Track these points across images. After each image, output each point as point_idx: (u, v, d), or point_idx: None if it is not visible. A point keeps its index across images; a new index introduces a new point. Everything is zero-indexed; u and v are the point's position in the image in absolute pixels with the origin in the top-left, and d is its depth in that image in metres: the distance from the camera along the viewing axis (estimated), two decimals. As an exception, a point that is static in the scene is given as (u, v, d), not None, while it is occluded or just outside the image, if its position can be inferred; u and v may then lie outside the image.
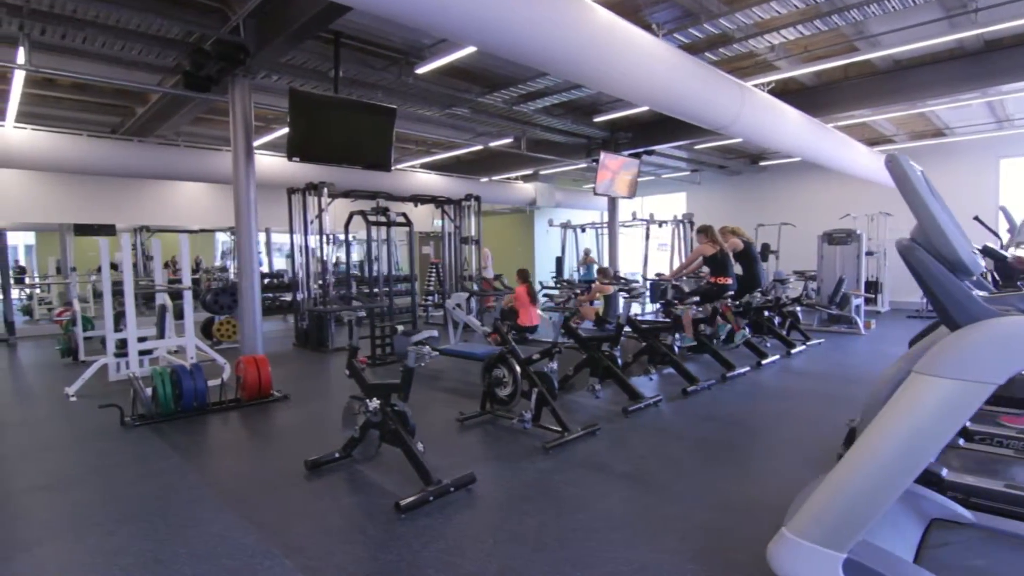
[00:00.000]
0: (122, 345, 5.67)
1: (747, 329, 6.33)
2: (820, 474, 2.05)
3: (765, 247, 11.01)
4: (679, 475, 3.24)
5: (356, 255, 12.28)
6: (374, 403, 3.14)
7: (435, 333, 3.30)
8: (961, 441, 3.37)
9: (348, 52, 6.07)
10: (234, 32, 5.15)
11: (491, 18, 3.49)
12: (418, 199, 8.82)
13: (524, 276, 7.35)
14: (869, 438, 1.68)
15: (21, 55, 5.08)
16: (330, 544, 2.49)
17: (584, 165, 11.48)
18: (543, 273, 15.18)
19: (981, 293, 1.78)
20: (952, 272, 1.64)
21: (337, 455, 3.41)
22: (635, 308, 8.65)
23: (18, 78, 6.06)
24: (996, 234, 6.66)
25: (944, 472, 2.52)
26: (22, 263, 14.54)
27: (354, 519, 2.74)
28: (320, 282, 8.04)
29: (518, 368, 4.06)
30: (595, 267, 12.62)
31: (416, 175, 11.75)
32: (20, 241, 15.02)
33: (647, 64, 4.63)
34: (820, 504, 1.76)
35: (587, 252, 13.09)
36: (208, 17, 5.27)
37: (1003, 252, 4.41)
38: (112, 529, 2.66)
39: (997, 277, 4.36)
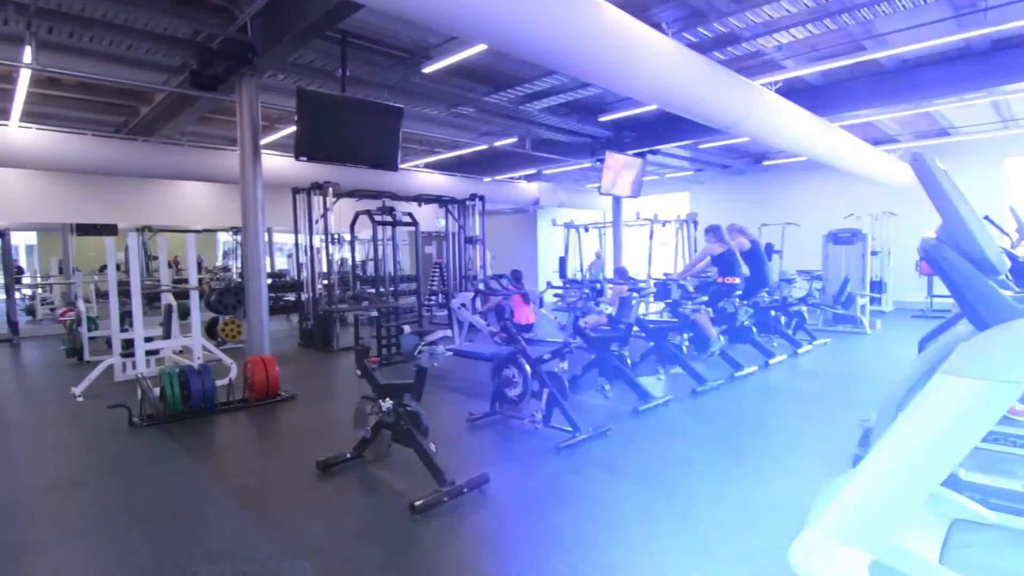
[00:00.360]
0: (128, 345, 5.66)
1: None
2: (836, 475, 2.04)
3: (768, 247, 10.98)
4: (692, 475, 3.22)
5: (359, 255, 12.25)
6: (387, 403, 3.12)
7: (448, 333, 3.30)
8: (976, 441, 3.35)
9: (354, 51, 6.05)
10: (241, 31, 5.15)
11: (502, 17, 3.48)
12: (422, 199, 8.80)
13: (517, 277, 7.39)
14: (896, 437, 1.66)
15: (27, 54, 5.06)
16: (346, 546, 2.48)
17: (588, 164, 11.45)
18: (547, 272, 15.15)
19: (1007, 292, 1.77)
20: (979, 271, 1.63)
21: (348, 455, 3.40)
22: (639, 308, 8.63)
23: (23, 77, 6.05)
24: (1006, 234, 6.66)
25: (960, 472, 2.50)
26: (22, 263, 14.52)
27: (369, 520, 2.73)
28: (325, 282, 8.03)
29: (528, 368, 4.05)
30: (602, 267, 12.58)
31: (419, 175, 11.73)
32: (21, 241, 15.01)
33: (657, 63, 4.61)
34: (846, 504, 1.73)
35: (597, 253, 13.08)
36: (216, 16, 5.26)
37: (1013, 252, 4.41)
38: (125, 531, 2.65)
39: (1009, 276, 4.36)
